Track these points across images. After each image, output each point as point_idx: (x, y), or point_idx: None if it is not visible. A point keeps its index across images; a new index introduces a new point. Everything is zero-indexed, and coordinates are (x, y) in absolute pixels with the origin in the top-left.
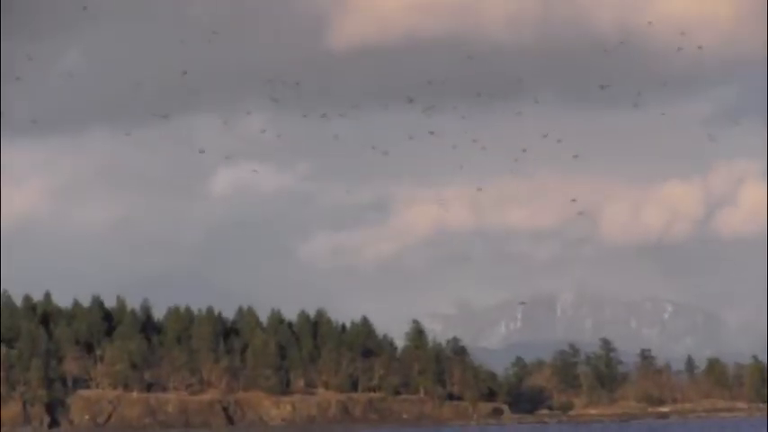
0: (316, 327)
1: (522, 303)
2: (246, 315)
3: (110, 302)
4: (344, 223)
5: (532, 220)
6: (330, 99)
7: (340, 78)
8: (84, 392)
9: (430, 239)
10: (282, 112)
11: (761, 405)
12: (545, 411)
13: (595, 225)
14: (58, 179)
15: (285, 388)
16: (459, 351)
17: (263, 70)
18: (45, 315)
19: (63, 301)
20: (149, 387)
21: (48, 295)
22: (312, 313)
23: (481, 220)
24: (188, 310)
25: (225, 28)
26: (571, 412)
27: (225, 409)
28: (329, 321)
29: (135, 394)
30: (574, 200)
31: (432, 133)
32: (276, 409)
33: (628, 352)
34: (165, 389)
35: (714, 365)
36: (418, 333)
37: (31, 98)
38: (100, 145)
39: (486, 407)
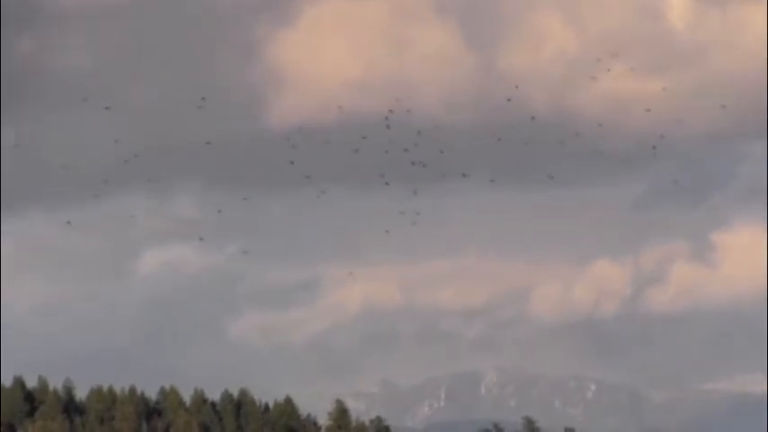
0: (239, 406)
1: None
2: (169, 395)
3: (31, 382)
4: (273, 303)
5: (462, 299)
6: (264, 179)
7: (274, 158)
8: None
9: (358, 319)
10: (213, 192)
11: None
12: None
13: (524, 304)
14: None
15: None
16: (383, 430)
17: (195, 150)
18: None
19: None
20: None
21: None
22: (235, 393)
23: (410, 300)
24: (111, 389)
25: (158, 107)
26: None
27: None
28: (252, 401)
29: None
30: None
31: (365, 212)
32: None
33: (552, 431)
34: None
35: None
36: (342, 412)
37: None
38: (27, 226)
39: None
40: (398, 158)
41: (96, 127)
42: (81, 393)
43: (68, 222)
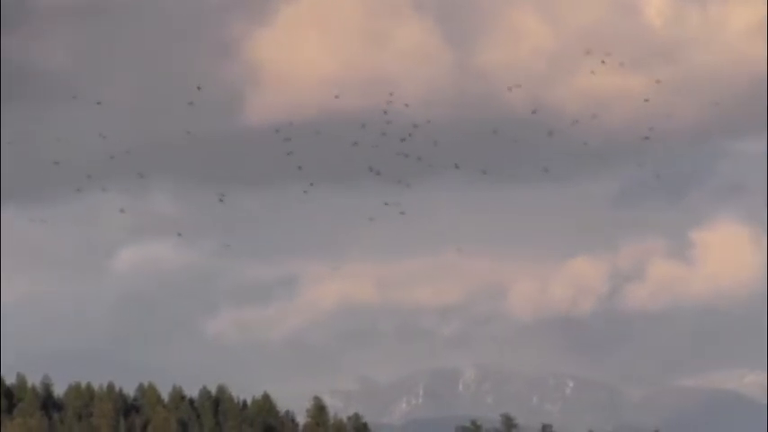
0: (217, 403)
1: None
2: (147, 391)
3: (10, 379)
4: (251, 299)
5: (440, 296)
6: (240, 176)
7: (251, 156)
8: None
9: (336, 315)
10: (191, 189)
11: None
12: None
13: (502, 301)
14: None
15: None
16: (361, 428)
17: (173, 147)
18: None
19: None
20: None
21: None
22: (214, 389)
23: (388, 297)
24: (89, 386)
25: (135, 104)
26: None
27: None
28: (231, 398)
29: None
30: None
31: (343, 209)
32: None
33: (529, 427)
34: None
35: None
36: (320, 409)
37: None
38: (3, 223)
39: None
40: (378, 157)
41: (79, 124)
42: (59, 390)
43: (44, 221)
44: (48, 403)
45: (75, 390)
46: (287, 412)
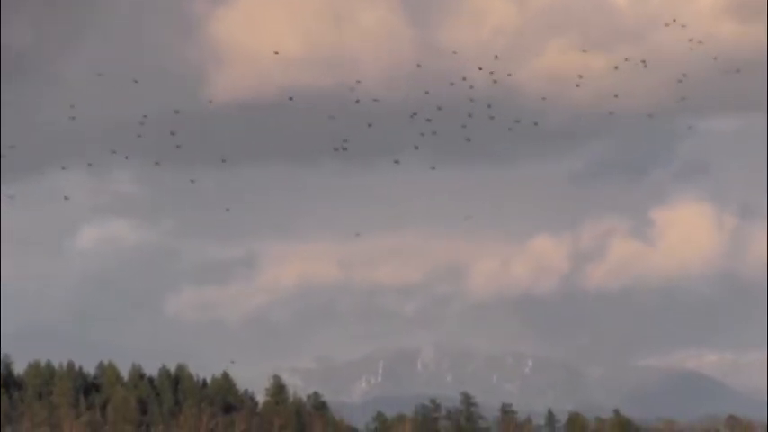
0: (177, 382)
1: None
2: (107, 370)
3: None
4: (210, 278)
5: (400, 276)
6: (202, 155)
7: (213, 134)
8: None
9: (296, 294)
10: (152, 169)
11: None
12: None
13: (462, 280)
14: None
15: None
16: (320, 406)
17: (134, 125)
18: None
19: None
20: None
21: None
22: (173, 368)
23: (348, 276)
24: (49, 365)
25: (95, 80)
26: None
27: None
28: (190, 376)
29: None
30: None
31: (303, 188)
32: None
33: (489, 406)
34: None
35: (575, 420)
36: (279, 388)
37: None
38: None
39: None
40: (341, 136)
41: (43, 102)
42: (19, 368)
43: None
44: (8, 381)
45: (35, 368)
46: (246, 391)
